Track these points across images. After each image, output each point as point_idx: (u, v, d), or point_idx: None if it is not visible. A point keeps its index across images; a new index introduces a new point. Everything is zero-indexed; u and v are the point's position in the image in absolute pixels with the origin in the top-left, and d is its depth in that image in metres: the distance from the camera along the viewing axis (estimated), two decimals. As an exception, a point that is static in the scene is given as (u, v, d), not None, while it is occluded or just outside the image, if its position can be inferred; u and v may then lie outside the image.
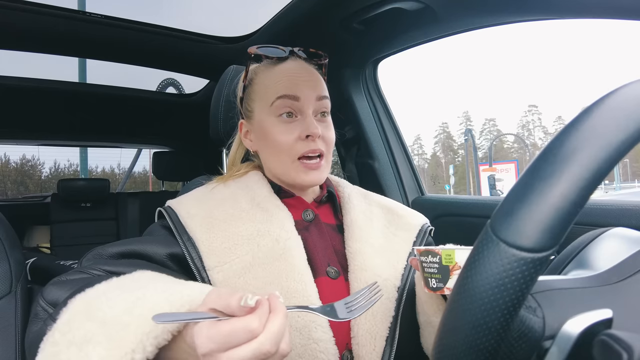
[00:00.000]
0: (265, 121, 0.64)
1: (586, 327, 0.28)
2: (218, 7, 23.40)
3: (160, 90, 2.60)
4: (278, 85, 0.63)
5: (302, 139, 0.62)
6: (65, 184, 2.33)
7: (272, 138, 0.63)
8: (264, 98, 0.64)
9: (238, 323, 0.35)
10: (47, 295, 0.48)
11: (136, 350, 0.35)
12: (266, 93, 0.64)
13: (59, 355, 0.37)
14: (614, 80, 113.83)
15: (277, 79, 0.64)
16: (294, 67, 0.65)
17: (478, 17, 0.95)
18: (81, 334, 0.38)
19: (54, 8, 1.18)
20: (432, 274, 0.49)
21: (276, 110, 0.62)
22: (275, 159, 0.65)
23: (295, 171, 0.63)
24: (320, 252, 0.61)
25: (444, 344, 0.29)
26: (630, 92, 0.28)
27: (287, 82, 0.63)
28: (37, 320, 0.47)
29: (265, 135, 0.64)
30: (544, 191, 0.27)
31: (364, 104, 1.37)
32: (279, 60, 0.66)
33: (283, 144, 0.62)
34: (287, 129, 0.62)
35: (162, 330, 0.37)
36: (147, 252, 0.56)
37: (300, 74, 0.64)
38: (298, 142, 0.62)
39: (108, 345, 0.36)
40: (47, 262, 1.50)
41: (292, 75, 0.64)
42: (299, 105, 0.62)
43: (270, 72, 0.66)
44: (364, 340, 0.55)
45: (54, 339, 0.39)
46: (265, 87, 0.65)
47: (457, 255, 0.47)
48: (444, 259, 0.47)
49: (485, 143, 58.05)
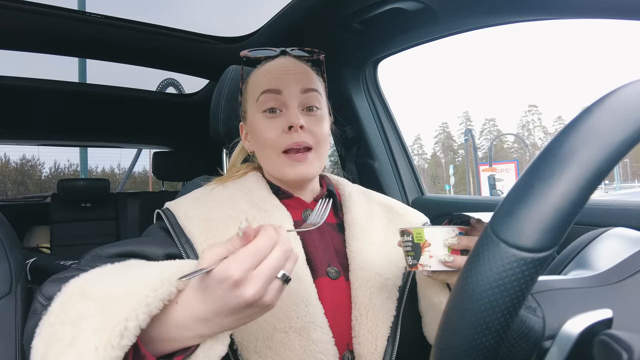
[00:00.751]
0: (253, 118, 0.65)
1: (586, 327, 0.28)
2: (218, 7, 23.40)
3: (160, 90, 2.61)
4: (263, 81, 0.64)
5: (286, 132, 0.61)
6: (65, 184, 2.33)
7: (258, 134, 0.64)
8: (252, 96, 0.66)
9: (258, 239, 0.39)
10: (46, 292, 0.49)
11: (129, 319, 0.36)
12: (253, 90, 0.66)
13: (55, 335, 0.38)
14: (614, 80, 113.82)
15: (262, 76, 0.65)
16: (280, 63, 0.66)
17: (478, 17, 0.95)
18: (75, 312, 0.39)
19: (53, 8, 1.18)
20: (408, 252, 0.53)
21: (261, 105, 0.63)
22: (263, 155, 0.65)
23: (281, 165, 0.62)
24: (320, 252, 0.61)
25: (444, 343, 0.29)
26: (630, 92, 0.28)
27: (271, 77, 0.64)
28: (35, 316, 0.48)
29: (254, 132, 0.65)
30: (544, 191, 0.26)
31: (364, 104, 1.37)
32: (267, 60, 0.68)
33: (268, 138, 0.62)
34: (271, 123, 0.62)
35: (153, 298, 0.38)
36: (145, 252, 0.56)
37: (285, 68, 0.65)
38: (282, 136, 0.62)
39: (102, 316, 0.37)
40: (47, 262, 1.50)
41: (276, 70, 0.65)
42: (282, 98, 0.63)
43: (259, 70, 0.67)
44: (365, 340, 0.55)
45: (49, 321, 0.40)
46: (254, 85, 0.66)
47: (426, 233, 0.51)
48: (415, 237, 0.51)
49: (485, 143, 58.06)
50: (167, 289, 0.39)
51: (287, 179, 0.64)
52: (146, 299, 0.37)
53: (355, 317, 0.57)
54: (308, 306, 0.54)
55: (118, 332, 0.36)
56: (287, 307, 0.53)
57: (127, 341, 0.36)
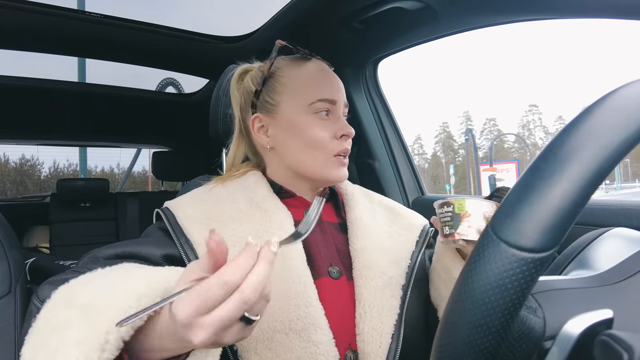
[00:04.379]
0: (299, 117, 0.63)
1: (587, 327, 0.28)
2: (217, 6, 23.40)
3: (160, 89, 2.61)
4: (318, 86, 0.64)
5: (337, 138, 0.63)
6: (65, 183, 2.33)
7: (308, 134, 0.63)
8: (297, 94, 0.64)
9: (212, 278, 0.34)
10: (41, 295, 0.49)
11: (110, 331, 0.35)
12: (302, 90, 0.64)
13: (42, 342, 0.38)
14: (614, 80, 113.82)
15: (315, 79, 0.65)
16: (326, 69, 0.67)
17: (478, 17, 0.95)
18: (61, 319, 0.38)
19: (53, 7, 1.18)
20: (446, 222, 0.55)
21: (314, 109, 0.63)
22: (307, 156, 0.64)
23: (330, 167, 0.64)
24: (322, 252, 0.61)
25: (444, 343, 0.29)
26: (630, 91, 0.28)
27: (327, 85, 0.65)
28: (30, 319, 0.47)
29: (298, 131, 0.63)
30: (544, 191, 0.26)
31: (364, 103, 1.37)
32: (303, 58, 0.67)
33: (320, 140, 0.62)
34: (324, 126, 0.63)
35: (136, 309, 0.36)
36: (143, 253, 0.56)
37: (335, 78, 0.67)
38: (333, 141, 0.63)
39: (85, 327, 0.36)
40: (47, 262, 1.49)
41: (329, 77, 0.66)
42: (335, 108, 0.65)
43: (302, 69, 0.65)
44: (369, 338, 0.56)
45: (38, 327, 0.39)
46: (301, 84, 0.64)
47: (468, 205, 0.53)
48: (457, 208, 0.53)
49: (486, 143, 58.08)
50: (152, 300, 0.37)
51: (331, 180, 0.65)
52: (129, 310, 0.36)
53: (360, 315, 0.57)
54: (308, 307, 0.53)
55: (99, 345, 0.35)
56: (287, 308, 0.53)
57: (109, 354, 0.35)
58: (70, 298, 0.40)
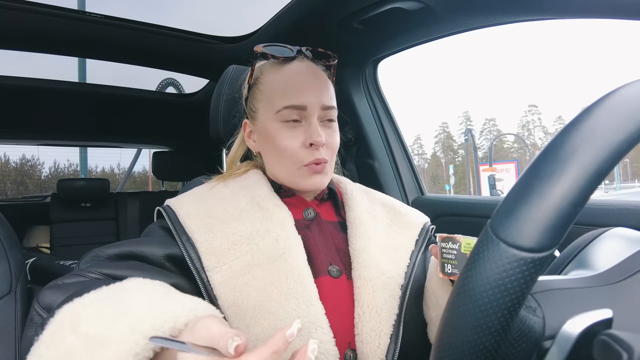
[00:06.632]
0: (269, 125, 0.63)
1: (586, 327, 0.28)
2: (218, 7, 23.40)
3: (160, 90, 2.61)
4: (286, 93, 0.62)
5: (306, 147, 0.61)
6: (65, 183, 2.33)
7: (276, 143, 0.62)
8: (270, 101, 0.63)
9: None
10: (42, 300, 0.48)
11: None
12: (272, 97, 0.63)
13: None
14: (614, 80, 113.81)
15: (284, 84, 0.62)
16: (301, 71, 0.64)
17: (478, 17, 0.95)
18: (64, 348, 0.37)
19: (53, 8, 1.18)
20: (449, 259, 0.51)
21: (281, 116, 0.62)
22: (278, 164, 0.64)
23: (299, 177, 0.62)
24: (321, 251, 0.61)
25: (443, 344, 0.29)
26: (630, 91, 0.28)
27: (295, 91, 0.61)
28: (32, 325, 0.47)
29: (269, 139, 0.63)
30: (544, 191, 0.26)
31: (364, 103, 1.37)
32: (286, 61, 0.65)
33: (287, 149, 0.61)
34: (291, 134, 0.61)
35: (142, 348, 0.35)
36: (145, 253, 0.56)
37: (308, 80, 0.63)
38: (302, 150, 0.61)
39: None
40: (47, 262, 1.49)
41: (299, 81, 0.62)
42: (305, 113, 0.62)
43: (277, 73, 0.64)
44: (368, 338, 0.56)
45: (39, 352, 0.38)
46: (272, 90, 0.63)
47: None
48: (464, 247, 0.50)
49: (486, 143, 58.05)
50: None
51: (304, 189, 0.64)
52: (135, 348, 0.35)
53: (358, 315, 0.57)
54: (309, 306, 0.53)
55: None
56: (288, 307, 0.53)
57: None
58: (74, 323, 0.39)
